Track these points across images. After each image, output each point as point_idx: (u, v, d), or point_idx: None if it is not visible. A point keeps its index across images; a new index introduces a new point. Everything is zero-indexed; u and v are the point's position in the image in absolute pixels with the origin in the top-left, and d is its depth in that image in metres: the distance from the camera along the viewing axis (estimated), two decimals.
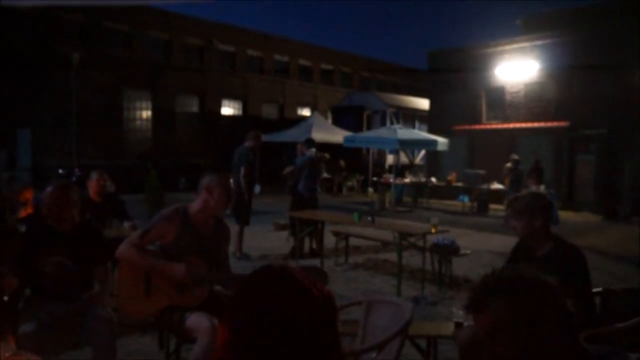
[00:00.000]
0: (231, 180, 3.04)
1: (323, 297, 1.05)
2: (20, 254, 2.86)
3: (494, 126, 17.57)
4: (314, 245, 7.65)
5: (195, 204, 2.96)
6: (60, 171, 17.09)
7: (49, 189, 2.99)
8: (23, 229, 4.16)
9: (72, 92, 18.67)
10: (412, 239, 5.72)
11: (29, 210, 4.72)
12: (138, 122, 21.16)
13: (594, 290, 2.84)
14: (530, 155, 14.64)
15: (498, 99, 17.62)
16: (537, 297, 1.19)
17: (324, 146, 16.39)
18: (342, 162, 18.99)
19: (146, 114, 21.33)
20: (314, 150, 7.83)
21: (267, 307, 1.00)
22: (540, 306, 1.18)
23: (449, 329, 3.04)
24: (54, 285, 2.90)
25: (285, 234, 9.17)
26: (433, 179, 16.55)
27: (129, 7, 22.21)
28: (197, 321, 2.68)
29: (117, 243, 4.55)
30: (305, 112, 27.37)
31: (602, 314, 2.98)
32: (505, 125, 17.12)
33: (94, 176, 4.94)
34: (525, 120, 16.67)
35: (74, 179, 15.88)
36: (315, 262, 7.11)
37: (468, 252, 6.07)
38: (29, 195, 4.71)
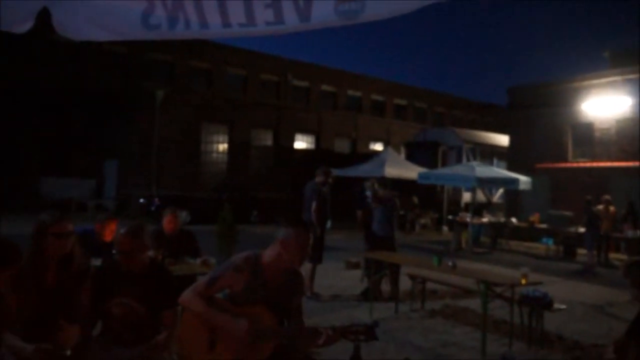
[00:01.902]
0: (311, 236, 2.78)
1: None
2: (91, 294, 2.77)
3: (581, 165, 16.41)
4: (384, 287, 7.29)
5: (268, 255, 2.74)
6: (141, 200, 17.81)
7: (122, 231, 2.90)
8: (99, 262, 4.18)
9: (155, 126, 19.62)
10: (498, 289, 5.20)
11: (108, 238, 4.71)
12: (215, 155, 21.83)
13: None
14: (622, 197, 13.46)
15: (586, 136, 16.49)
16: None
17: (397, 182, 16.00)
18: (415, 199, 18.42)
19: (222, 147, 21.99)
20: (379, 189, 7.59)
21: None
22: None
23: None
24: (120, 327, 2.77)
25: (357, 272, 8.83)
26: (513, 220, 15.60)
27: (209, 46, 23.28)
28: None
29: (187, 280, 4.46)
30: (378, 146, 27.15)
31: None
32: (595, 164, 15.94)
33: (167, 215, 4.94)
34: (618, 159, 15.43)
35: (153, 208, 16.48)
36: (390, 305, 6.72)
37: (563, 306, 5.45)
38: (113, 227, 4.74)
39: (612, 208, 12.14)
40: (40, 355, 2.40)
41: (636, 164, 14.96)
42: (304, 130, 24.74)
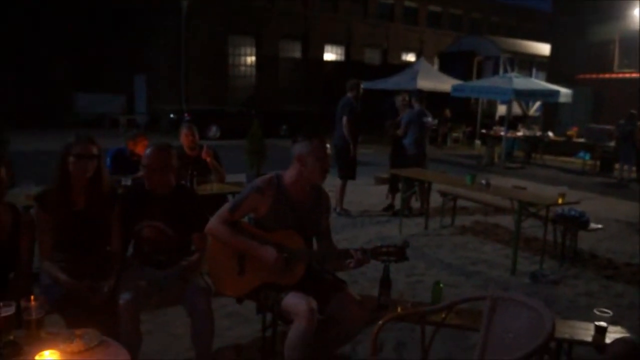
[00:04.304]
0: (328, 146, 2.67)
1: None
2: (121, 215, 2.78)
3: (627, 75, 15.47)
4: (414, 203, 7.29)
5: (289, 174, 2.66)
6: (172, 116, 17.88)
7: (148, 151, 2.85)
8: (129, 181, 4.21)
9: (181, 39, 19.21)
10: (533, 209, 5.08)
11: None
12: (242, 68, 21.43)
13: None
14: None
15: (634, 45, 15.37)
16: None
17: (430, 95, 15.47)
18: (447, 112, 17.93)
19: (250, 60, 21.50)
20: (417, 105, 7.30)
21: None
22: None
23: (588, 332, 2.55)
24: (151, 249, 2.80)
25: (387, 188, 8.79)
26: (550, 133, 15.11)
27: None
28: (295, 303, 2.44)
29: (218, 200, 4.47)
30: (410, 57, 26.12)
31: None
32: None
33: (183, 130, 4.83)
34: None
35: (182, 124, 16.57)
36: (420, 221, 6.71)
37: (599, 226, 5.31)
38: (145, 142, 4.72)
39: None
40: (78, 289, 2.48)
41: None
42: (333, 41, 23.85)
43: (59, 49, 19.75)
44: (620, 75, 15.72)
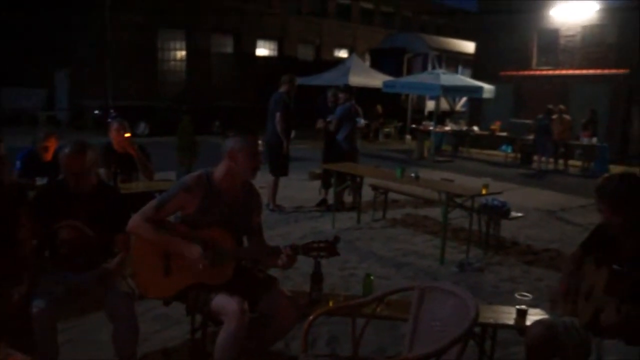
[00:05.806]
0: (260, 142, 2.62)
1: None
2: (34, 217, 2.59)
3: (544, 72, 16.43)
4: (346, 198, 7.36)
5: (219, 171, 2.58)
6: (96, 112, 17.05)
7: (65, 150, 2.66)
8: (44, 181, 3.96)
9: (106, 32, 18.31)
10: (459, 200, 5.26)
11: (49, 156, 4.43)
12: (172, 63, 20.79)
13: None
14: (583, 105, 13.70)
15: (551, 43, 16.36)
16: None
17: (362, 91, 15.72)
18: (379, 108, 18.28)
19: (180, 54, 20.89)
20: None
21: None
22: None
23: (510, 316, 2.66)
24: (69, 252, 2.63)
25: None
26: (475, 128, 15.79)
27: None
28: (224, 303, 2.37)
29: (144, 199, 4.29)
30: (343, 53, 26.39)
31: None
32: (557, 72, 15.99)
33: (114, 126, 4.59)
34: (580, 67, 15.49)
35: (109, 120, 15.83)
36: (352, 215, 6.79)
37: (520, 215, 5.59)
38: (51, 143, 4.43)
39: (566, 117, 12.34)
40: None
41: (599, 71, 15.08)
42: (266, 36, 23.66)
43: None
44: (538, 72, 16.67)
